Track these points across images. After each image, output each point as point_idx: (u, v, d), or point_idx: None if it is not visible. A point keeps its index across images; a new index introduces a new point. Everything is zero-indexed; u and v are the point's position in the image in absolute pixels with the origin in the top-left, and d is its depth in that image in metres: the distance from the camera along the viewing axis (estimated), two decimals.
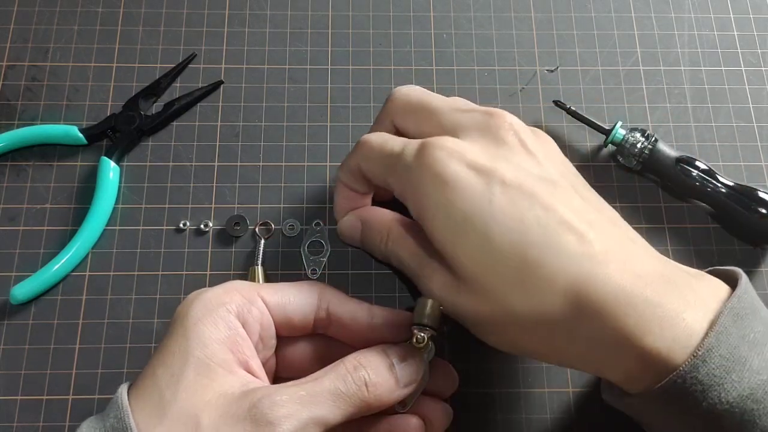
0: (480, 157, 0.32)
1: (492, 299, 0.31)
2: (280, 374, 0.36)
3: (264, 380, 0.32)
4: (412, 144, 0.34)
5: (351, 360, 0.31)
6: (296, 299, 0.34)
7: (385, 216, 0.39)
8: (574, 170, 0.36)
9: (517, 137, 0.34)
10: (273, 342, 0.34)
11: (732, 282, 0.31)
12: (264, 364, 0.33)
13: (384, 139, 0.36)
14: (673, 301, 0.29)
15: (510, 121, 0.34)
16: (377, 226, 0.38)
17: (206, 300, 0.31)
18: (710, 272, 0.33)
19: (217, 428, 0.27)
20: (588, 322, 0.29)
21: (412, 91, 0.38)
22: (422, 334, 0.32)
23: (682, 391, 0.28)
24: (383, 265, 0.45)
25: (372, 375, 0.30)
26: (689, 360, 0.28)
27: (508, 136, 0.34)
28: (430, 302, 0.33)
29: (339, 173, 0.39)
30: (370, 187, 0.39)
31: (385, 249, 0.38)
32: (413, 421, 0.34)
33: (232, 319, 0.31)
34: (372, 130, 0.39)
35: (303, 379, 0.30)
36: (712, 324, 0.28)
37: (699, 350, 0.28)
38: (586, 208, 0.32)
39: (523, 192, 0.31)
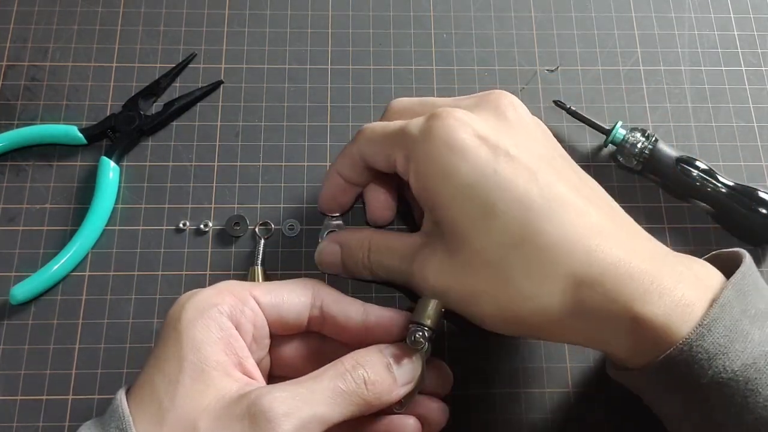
0: (486, 129, 0.33)
1: (493, 274, 0.31)
2: (274, 373, 0.35)
3: (260, 381, 0.32)
4: (419, 118, 0.34)
5: (349, 359, 0.31)
6: (289, 298, 0.34)
7: (362, 231, 0.40)
8: (564, 152, 0.37)
9: (517, 114, 0.35)
10: (267, 342, 0.34)
11: (733, 264, 0.32)
12: (258, 364, 0.33)
13: (386, 123, 0.37)
14: (671, 274, 0.30)
15: (510, 98, 0.36)
16: (356, 241, 0.39)
17: (198, 302, 0.31)
18: (717, 254, 0.35)
19: (214, 430, 0.27)
20: (589, 294, 0.30)
21: (407, 98, 0.39)
22: (420, 333, 0.32)
23: (689, 359, 0.28)
24: None
25: (371, 374, 0.30)
26: (696, 329, 0.28)
27: (508, 111, 0.35)
28: (432, 302, 0.33)
29: (335, 163, 0.40)
30: (366, 176, 0.39)
31: (369, 261, 0.38)
32: (411, 421, 0.34)
33: (224, 320, 0.31)
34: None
35: (302, 378, 0.30)
36: (714, 299, 0.29)
37: (705, 320, 0.29)
38: (582, 186, 0.34)
39: (526, 166, 0.32)
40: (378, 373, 0.31)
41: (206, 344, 0.29)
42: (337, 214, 0.43)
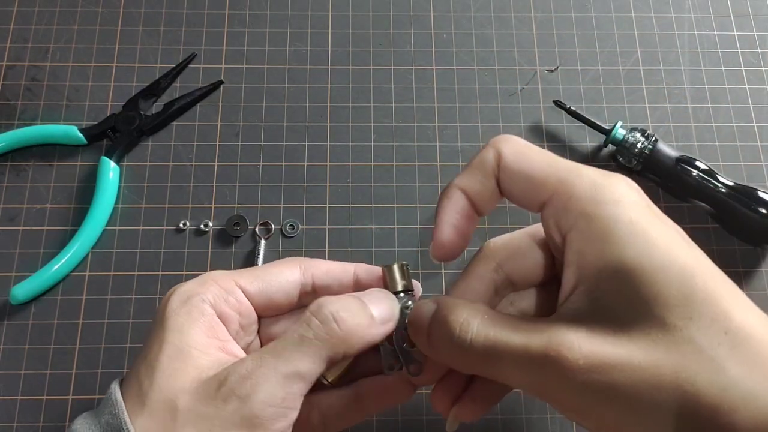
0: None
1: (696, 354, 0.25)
2: None
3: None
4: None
5: (314, 304, 0.30)
6: (278, 280, 0.33)
7: (467, 300, 0.31)
8: None
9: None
10: (254, 327, 0.34)
11: None
12: (246, 348, 0.33)
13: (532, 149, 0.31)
14: None
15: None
16: (460, 305, 0.29)
17: (182, 293, 0.31)
18: None
19: (193, 410, 0.27)
20: None
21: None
22: (406, 300, 0.32)
23: None
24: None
25: (339, 310, 0.29)
26: None
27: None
28: (396, 266, 0.33)
29: (458, 178, 0.31)
30: (497, 198, 0.32)
31: (471, 333, 0.28)
32: (403, 374, 0.33)
33: (205, 307, 0.31)
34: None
35: (271, 342, 0.29)
36: None
37: None
38: None
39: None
40: (348, 309, 0.30)
41: (188, 328, 0.30)
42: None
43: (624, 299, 0.26)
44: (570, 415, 0.28)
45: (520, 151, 0.30)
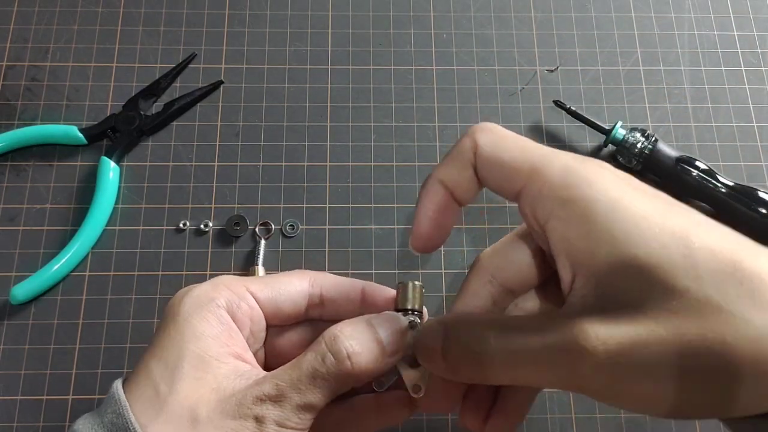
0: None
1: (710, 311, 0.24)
2: (269, 364, 0.35)
3: (259, 372, 0.32)
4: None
5: (329, 333, 0.30)
6: (287, 290, 0.34)
7: (477, 313, 0.31)
8: None
9: None
10: (263, 335, 0.34)
11: None
12: (254, 356, 0.33)
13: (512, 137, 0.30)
14: None
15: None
16: (472, 318, 0.30)
17: (196, 296, 0.31)
18: None
19: (212, 422, 0.28)
20: None
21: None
22: (412, 319, 0.32)
23: None
24: (385, 267, 0.45)
25: (355, 345, 0.29)
26: None
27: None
28: (411, 285, 0.33)
29: (437, 170, 0.31)
30: (477, 189, 0.31)
31: (490, 345, 0.27)
32: (401, 394, 0.33)
33: (222, 313, 0.31)
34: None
35: (285, 366, 0.30)
36: None
37: None
38: None
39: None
40: (363, 344, 0.30)
41: (207, 336, 0.30)
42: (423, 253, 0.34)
43: (626, 277, 0.26)
44: (604, 401, 0.27)
45: (495, 140, 0.29)
